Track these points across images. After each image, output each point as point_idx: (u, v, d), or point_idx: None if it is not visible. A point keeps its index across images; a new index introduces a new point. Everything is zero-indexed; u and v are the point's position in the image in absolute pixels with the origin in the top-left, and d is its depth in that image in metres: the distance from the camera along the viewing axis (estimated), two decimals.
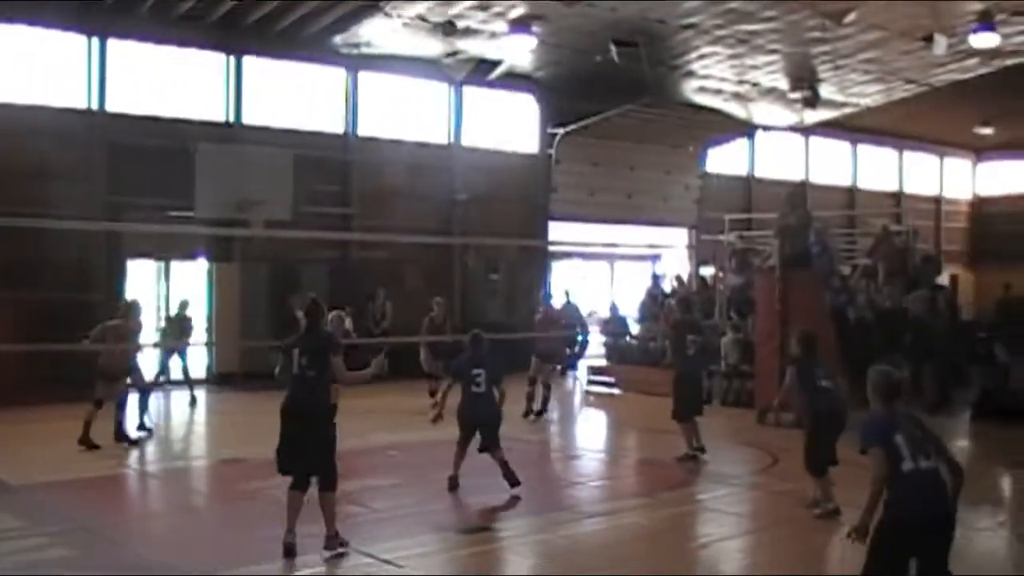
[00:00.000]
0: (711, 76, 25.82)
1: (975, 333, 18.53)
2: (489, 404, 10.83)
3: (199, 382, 19.63)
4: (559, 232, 26.22)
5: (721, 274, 22.26)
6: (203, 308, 20.92)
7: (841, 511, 9.38)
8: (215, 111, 21.62)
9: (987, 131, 35.13)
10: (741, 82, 26.53)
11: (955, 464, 5.85)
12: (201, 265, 21.57)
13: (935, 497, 5.65)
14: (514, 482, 10.56)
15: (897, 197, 36.57)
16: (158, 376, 17.95)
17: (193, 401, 18.30)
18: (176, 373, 18.57)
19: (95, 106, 20.03)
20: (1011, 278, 23.93)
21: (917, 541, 5.61)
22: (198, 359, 20.44)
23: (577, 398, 21.38)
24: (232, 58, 21.65)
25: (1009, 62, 25.96)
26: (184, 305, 18.45)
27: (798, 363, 10.21)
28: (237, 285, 20.99)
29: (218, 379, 20.83)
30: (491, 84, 24.91)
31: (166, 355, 18.36)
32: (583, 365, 22.86)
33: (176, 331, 18.35)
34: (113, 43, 20.21)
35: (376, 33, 21.63)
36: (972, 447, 15.16)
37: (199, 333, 20.04)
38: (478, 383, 10.77)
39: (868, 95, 28.81)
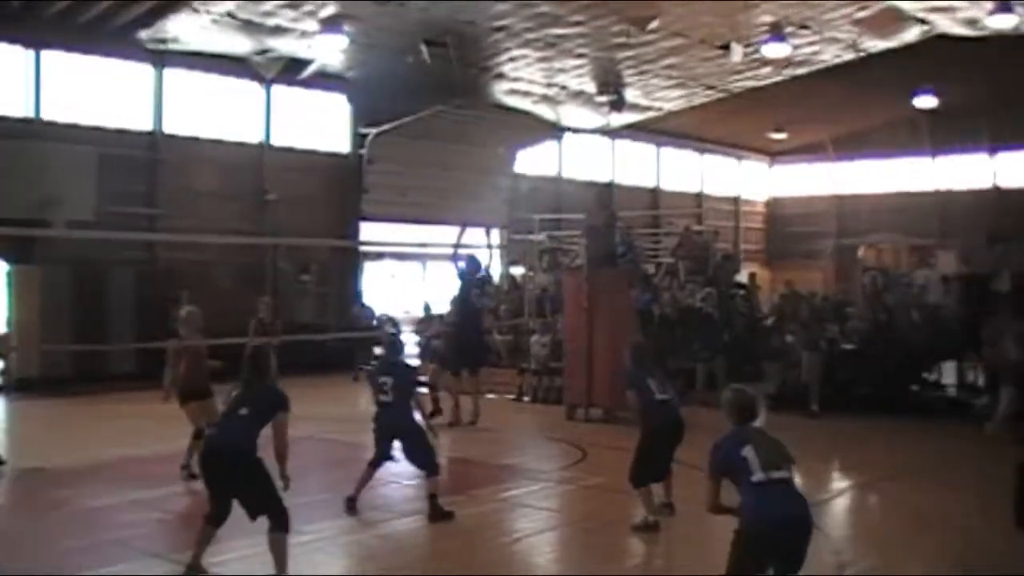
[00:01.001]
0: (521, 78, 26.27)
1: (771, 329, 19.42)
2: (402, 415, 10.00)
3: None
4: (372, 232, 26.16)
5: (531, 273, 22.68)
6: (1, 312, 20.07)
7: (659, 525, 9.49)
8: (14, 106, 20.71)
9: (780, 136, 36.87)
10: (550, 85, 27.08)
11: None
12: None
13: (787, 505, 5.95)
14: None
15: (698, 198, 37.90)
16: None
17: None
18: None
19: None
20: (803, 275, 25.21)
21: (771, 548, 5.88)
22: None
23: None
24: (31, 51, 20.80)
25: (799, 71, 27.35)
26: None
27: (629, 375, 9.91)
28: (37, 288, 20.15)
29: (17, 385, 19.97)
30: (302, 83, 24.70)
31: None
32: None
33: None
34: None
35: (184, 29, 21.16)
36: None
37: None
38: (385, 391, 10.01)
39: (670, 100, 29.84)
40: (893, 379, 17.41)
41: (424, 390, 12.26)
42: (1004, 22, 21.67)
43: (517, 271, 25.42)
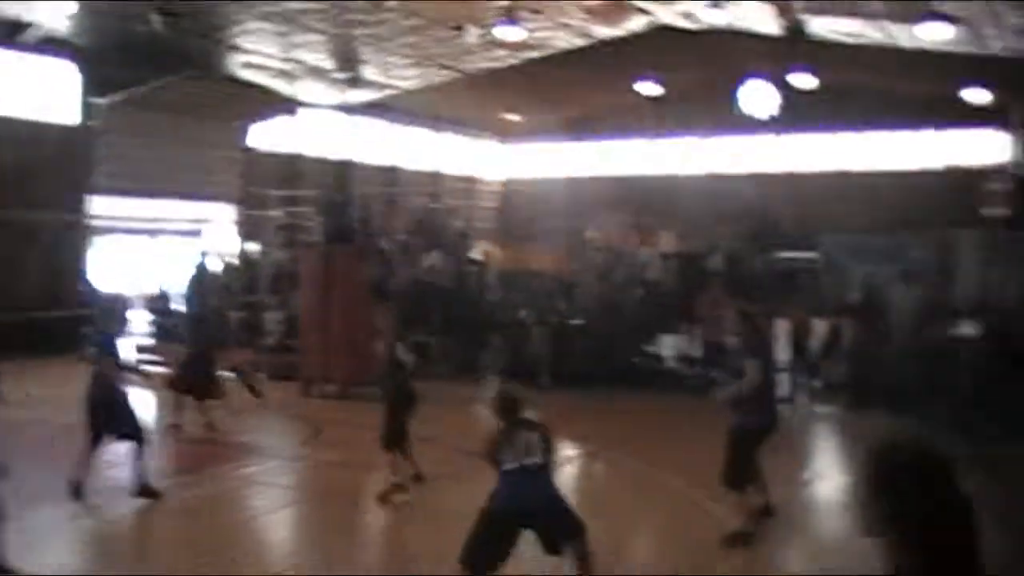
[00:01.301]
0: (257, 52, 25.82)
1: (503, 305, 20.01)
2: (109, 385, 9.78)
3: None
4: (102, 206, 25.12)
5: (267, 250, 22.46)
6: None
7: (407, 487, 9.96)
8: None
9: (515, 118, 37.77)
10: (287, 60, 26.75)
11: None
12: None
13: (531, 488, 6.54)
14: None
15: (435, 177, 38.34)
16: None
17: None
18: None
19: None
20: (536, 254, 26.04)
21: (508, 528, 6.48)
22: None
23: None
24: None
25: (533, 55, 28.14)
26: None
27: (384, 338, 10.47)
28: None
29: None
30: (25, 48, 23.35)
31: None
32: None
33: None
34: None
35: None
36: None
37: None
38: (96, 362, 9.92)
39: (408, 78, 30.03)
40: (616, 352, 18.34)
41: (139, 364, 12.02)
42: (717, 18, 23.10)
43: (252, 247, 25.06)
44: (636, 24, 26.41)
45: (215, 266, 22.53)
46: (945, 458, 2.47)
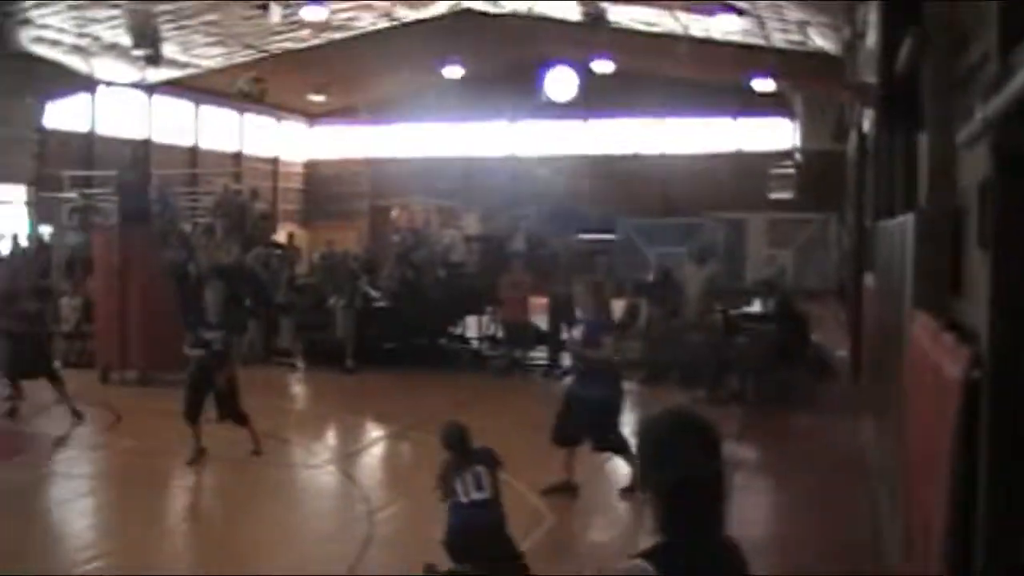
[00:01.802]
0: (49, 26, 24.85)
1: (309, 288, 19.91)
2: None
3: None
4: None
5: (60, 232, 21.72)
6: None
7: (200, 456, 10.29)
8: None
9: (320, 98, 37.47)
10: (82, 35, 25.84)
11: None
12: None
13: (478, 521, 6.70)
14: None
15: (238, 157, 37.70)
16: None
17: None
18: None
19: None
20: (340, 234, 26.00)
21: (464, 552, 6.67)
22: None
23: None
24: None
25: (337, 36, 28.06)
26: None
27: None
28: None
29: None
30: None
31: None
32: None
33: None
34: None
35: None
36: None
37: None
38: None
39: (210, 57, 29.49)
40: (421, 333, 18.59)
41: None
42: (519, 2, 23.58)
43: (45, 230, 24.16)
44: (440, 7, 26.66)
45: (5, 249, 21.70)
46: (704, 428, 2.75)
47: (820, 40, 22.82)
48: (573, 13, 25.33)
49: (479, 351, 18.99)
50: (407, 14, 27.15)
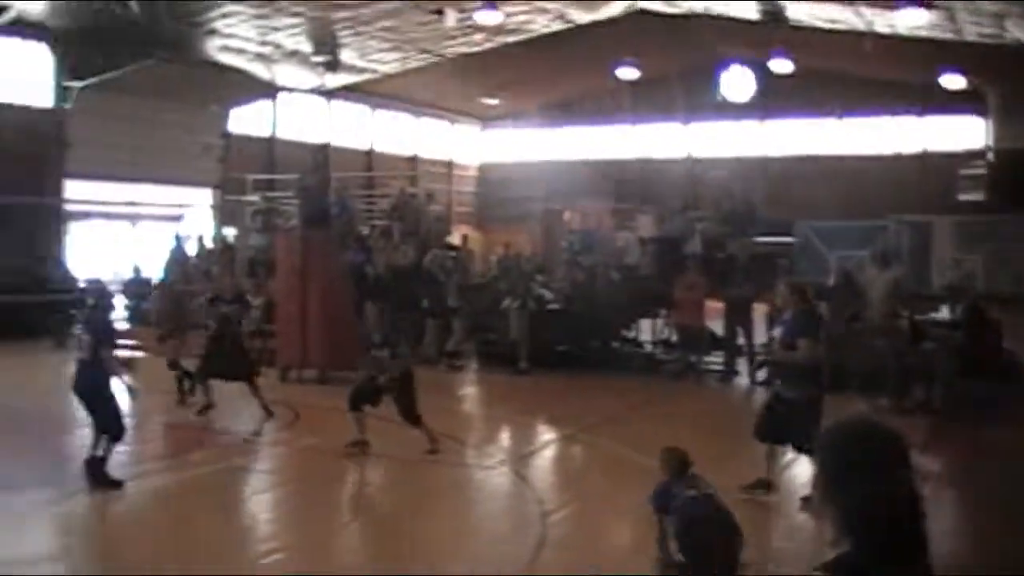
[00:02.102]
0: (235, 35, 25.71)
1: (482, 289, 19.99)
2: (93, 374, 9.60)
3: None
4: (77, 191, 24.96)
5: (244, 234, 22.37)
6: None
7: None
8: None
9: (493, 101, 37.74)
10: (264, 43, 26.64)
11: None
12: None
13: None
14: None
15: (413, 161, 38.26)
16: None
17: None
18: None
19: None
20: (513, 237, 26.02)
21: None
22: None
23: None
24: None
25: (511, 39, 28.14)
26: None
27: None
28: None
29: None
30: None
31: None
32: None
33: None
34: None
35: None
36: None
37: None
38: (81, 347, 9.72)
39: (386, 62, 30.00)
40: (594, 336, 18.42)
41: (125, 352, 11.94)
42: (695, 2, 23.11)
43: (230, 232, 24.96)
44: (614, 8, 26.45)
45: (192, 251, 22.46)
46: (892, 439, 2.52)
47: (1018, 32, 21.70)
48: (750, 11, 24.76)
49: (652, 355, 18.71)
50: (581, 16, 27.03)
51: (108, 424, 9.59)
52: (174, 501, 9.55)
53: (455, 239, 23.14)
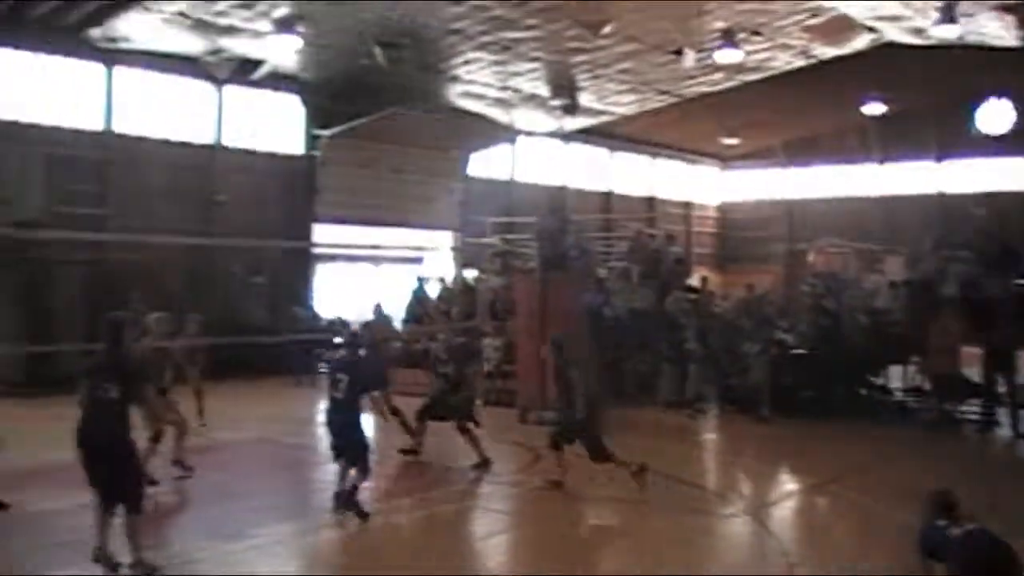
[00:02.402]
0: (475, 81, 26.28)
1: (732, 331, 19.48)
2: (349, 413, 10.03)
3: None
4: (324, 235, 26.02)
5: (484, 276, 22.66)
6: None
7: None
8: None
9: (732, 141, 37.16)
10: (504, 88, 27.10)
11: None
12: None
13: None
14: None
15: (651, 202, 38.08)
16: None
17: None
18: None
19: None
20: (754, 279, 25.36)
21: None
22: None
23: None
24: None
25: (750, 77, 27.60)
26: None
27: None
28: None
29: None
30: (255, 84, 24.52)
31: None
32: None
33: None
34: None
35: (135, 28, 20.92)
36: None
37: None
38: (338, 387, 9.99)
39: (624, 104, 29.99)
40: (840, 382, 17.64)
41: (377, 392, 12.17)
42: (948, 32, 21.97)
43: (470, 274, 25.36)
44: (860, 42, 25.54)
45: (433, 292, 22.95)
46: None
47: None
48: (1010, 39, 23.39)
49: (903, 403, 17.75)
50: (825, 51, 26.23)
51: (357, 459, 9.84)
52: (414, 537, 9.62)
53: (694, 281, 22.72)
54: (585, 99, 28.53)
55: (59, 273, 20.63)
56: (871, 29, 24.43)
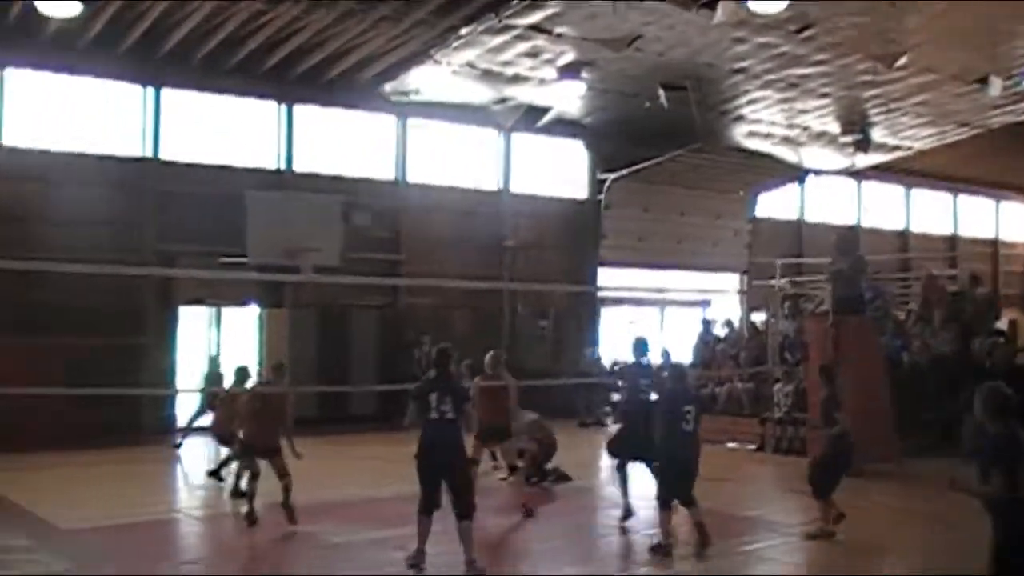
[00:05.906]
0: (761, 120, 25.69)
1: None
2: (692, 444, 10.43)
3: None
4: (609, 278, 26.05)
5: (772, 320, 21.98)
6: (254, 353, 20.92)
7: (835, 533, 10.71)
8: (267, 158, 21.80)
9: None
10: (791, 126, 26.38)
11: None
12: (252, 311, 21.61)
13: None
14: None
15: (952, 241, 36.09)
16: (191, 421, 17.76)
17: None
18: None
19: (148, 154, 20.30)
20: None
21: None
22: None
23: None
24: (284, 106, 21.85)
25: None
26: (214, 360, 19.12)
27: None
28: (286, 330, 20.95)
29: None
30: (540, 130, 24.95)
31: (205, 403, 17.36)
32: None
33: (214, 382, 17.75)
34: (168, 93, 20.50)
35: (425, 80, 21.74)
36: None
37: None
38: (687, 420, 10.27)
39: (920, 138, 28.54)
40: None
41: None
42: None
43: (758, 317, 24.68)
44: None
45: (720, 334, 22.53)
46: None
47: None
48: None
49: None
50: None
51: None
52: None
53: (1003, 324, 21.19)
54: (878, 134, 27.36)
55: (354, 316, 21.60)
56: None
